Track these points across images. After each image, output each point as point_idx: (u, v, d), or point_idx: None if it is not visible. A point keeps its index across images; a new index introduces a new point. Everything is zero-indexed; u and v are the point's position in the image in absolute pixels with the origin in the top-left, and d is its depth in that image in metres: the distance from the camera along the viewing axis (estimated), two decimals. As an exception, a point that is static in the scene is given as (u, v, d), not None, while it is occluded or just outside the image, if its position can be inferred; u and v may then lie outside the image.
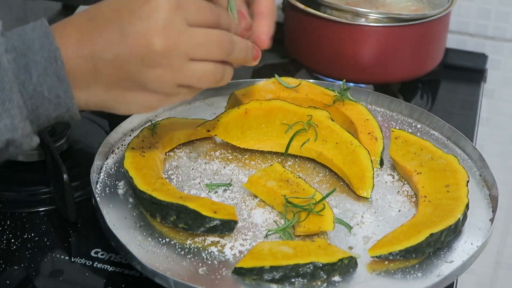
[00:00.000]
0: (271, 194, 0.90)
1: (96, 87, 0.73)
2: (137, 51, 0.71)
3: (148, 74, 0.72)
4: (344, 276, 0.81)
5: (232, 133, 0.98)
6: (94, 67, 0.72)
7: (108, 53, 0.71)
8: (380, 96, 1.11)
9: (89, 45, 0.71)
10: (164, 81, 0.73)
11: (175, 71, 0.72)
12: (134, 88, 0.73)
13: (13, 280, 0.81)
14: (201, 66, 0.74)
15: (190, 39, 0.72)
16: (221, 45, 0.74)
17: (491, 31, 1.38)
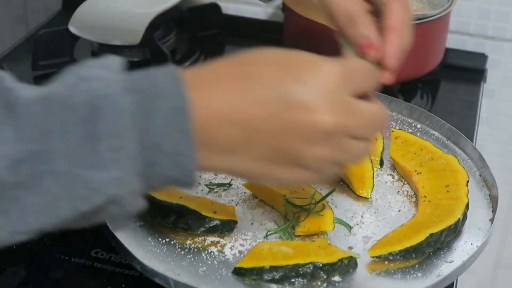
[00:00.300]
0: (271, 194, 0.90)
1: (242, 155, 0.64)
2: (300, 126, 0.63)
3: (307, 151, 0.65)
4: (344, 276, 0.81)
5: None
6: (245, 134, 0.63)
7: (266, 123, 0.63)
8: (380, 96, 1.11)
9: (243, 111, 0.62)
10: (322, 159, 0.66)
11: (336, 149, 0.66)
12: (286, 162, 0.65)
13: (13, 280, 0.81)
14: (359, 144, 0.68)
15: (356, 118, 0.66)
16: (381, 124, 0.70)
17: (491, 31, 1.38)
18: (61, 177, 0.58)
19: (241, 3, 1.46)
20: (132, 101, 0.59)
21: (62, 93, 0.59)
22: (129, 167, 0.59)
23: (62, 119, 0.58)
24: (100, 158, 0.58)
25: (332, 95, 0.64)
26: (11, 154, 0.57)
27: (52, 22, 1.44)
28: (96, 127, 0.58)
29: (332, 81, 0.64)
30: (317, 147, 0.64)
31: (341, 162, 0.68)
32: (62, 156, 0.57)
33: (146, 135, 0.59)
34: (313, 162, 0.65)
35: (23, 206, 0.58)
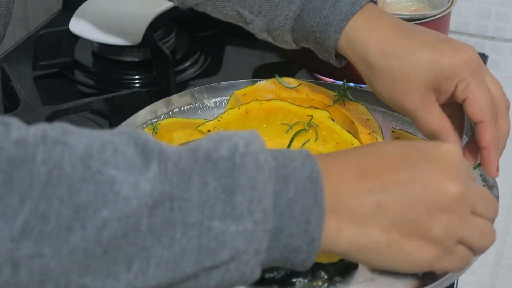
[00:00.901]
0: (272, 194, 0.90)
1: (372, 224, 0.64)
2: (429, 193, 0.65)
3: (436, 218, 0.65)
4: (345, 276, 0.80)
5: (232, 133, 0.98)
6: (377, 202, 0.64)
7: (397, 188, 0.64)
8: (380, 96, 1.11)
9: (374, 179, 0.65)
10: (449, 229, 0.66)
11: (462, 220, 0.66)
12: (414, 233, 0.65)
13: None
14: (481, 221, 0.69)
15: (477, 191, 0.69)
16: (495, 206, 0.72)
17: (491, 31, 1.38)
18: (191, 229, 0.57)
19: (241, 3, 1.46)
20: (271, 162, 0.61)
21: (207, 147, 0.60)
22: (262, 221, 0.59)
23: (203, 171, 0.59)
24: (235, 209, 0.58)
25: (455, 166, 0.67)
26: (154, 194, 0.56)
27: (52, 22, 1.44)
28: (234, 180, 0.59)
29: (455, 155, 0.68)
30: (445, 215, 0.65)
31: (470, 243, 0.68)
32: (196, 207, 0.57)
33: (280, 198, 0.61)
34: (441, 230, 0.65)
35: (148, 257, 0.57)
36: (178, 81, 1.25)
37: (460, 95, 0.85)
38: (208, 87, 1.11)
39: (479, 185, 0.71)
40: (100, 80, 1.28)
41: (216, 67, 1.35)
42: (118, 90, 1.15)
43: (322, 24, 0.93)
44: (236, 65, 1.37)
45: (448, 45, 0.86)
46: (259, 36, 1.02)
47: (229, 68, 1.35)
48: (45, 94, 1.23)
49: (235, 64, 1.38)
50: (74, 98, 1.09)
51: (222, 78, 1.19)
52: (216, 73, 1.33)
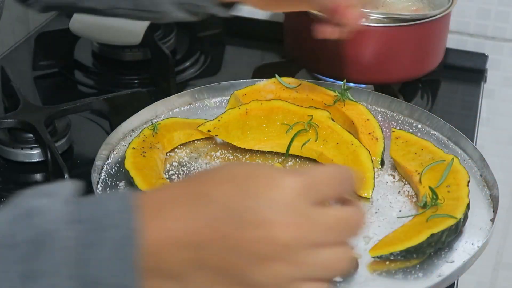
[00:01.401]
0: (272, 194, 0.90)
1: (192, 280, 0.59)
2: (250, 244, 0.58)
3: (258, 268, 0.58)
4: (345, 276, 0.81)
5: (232, 133, 0.98)
6: (196, 257, 0.58)
7: (217, 244, 0.58)
8: (380, 96, 1.11)
9: (194, 234, 0.58)
10: (279, 278, 0.58)
11: (296, 265, 0.58)
12: (233, 285, 0.59)
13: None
14: (330, 252, 0.60)
15: (318, 226, 0.59)
16: (352, 226, 0.62)
17: (491, 31, 1.38)
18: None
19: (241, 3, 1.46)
20: (77, 234, 0.56)
21: (4, 231, 0.56)
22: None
23: (3, 258, 0.55)
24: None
25: (289, 208, 0.58)
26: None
27: (52, 22, 1.44)
28: (34, 265, 0.55)
29: (290, 194, 0.59)
30: (271, 265, 0.58)
31: (311, 277, 0.59)
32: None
33: (87, 268, 0.56)
34: (268, 282, 0.58)
35: None
36: (178, 81, 1.25)
37: None
38: (208, 87, 1.11)
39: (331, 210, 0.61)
40: (100, 80, 1.28)
41: (216, 67, 1.35)
42: (118, 90, 1.15)
43: None
44: (236, 65, 1.37)
45: None
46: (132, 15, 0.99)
47: (229, 68, 1.35)
48: (45, 94, 1.23)
49: (235, 64, 1.38)
50: (74, 98, 1.09)
51: (222, 78, 1.19)
52: (216, 73, 1.33)
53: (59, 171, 0.95)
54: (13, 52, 1.34)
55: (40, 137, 1.00)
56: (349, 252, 0.61)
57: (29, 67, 1.27)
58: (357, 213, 0.62)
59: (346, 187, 0.63)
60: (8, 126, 1.03)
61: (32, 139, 1.02)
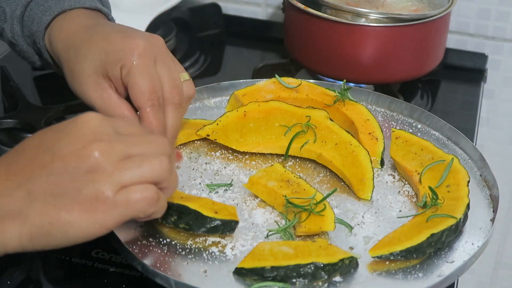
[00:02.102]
0: (272, 194, 0.90)
1: (29, 212, 0.67)
2: (70, 161, 0.67)
3: (82, 181, 0.67)
4: (345, 276, 0.81)
5: (231, 137, 0.98)
6: (27, 191, 0.67)
7: (41, 172, 0.67)
8: (380, 96, 1.11)
9: (20, 173, 0.68)
10: (98, 184, 0.67)
11: (110, 172, 0.67)
12: (69, 203, 0.67)
13: (13, 281, 0.81)
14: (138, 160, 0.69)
15: (123, 140, 0.69)
16: (157, 142, 0.71)
17: (491, 31, 1.38)
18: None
19: (241, 3, 1.46)
20: None
21: None
22: None
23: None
24: None
25: (92, 130, 0.68)
26: None
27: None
28: None
29: (91, 122, 0.69)
30: (94, 176, 0.67)
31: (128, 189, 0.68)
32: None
33: None
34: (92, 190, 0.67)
35: None
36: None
37: (125, 80, 0.86)
38: (207, 87, 1.11)
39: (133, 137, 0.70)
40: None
41: (216, 67, 1.36)
42: (118, 90, 1.15)
43: (43, 11, 0.95)
44: (236, 65, 1.37)
45: (121, 35, 0.88)
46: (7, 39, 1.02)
47: (229, 68, 1.35)
48: (45, 94, 1.23)
49: (235, 64, 1.38)
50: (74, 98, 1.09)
51: (222, 78, 1.19)
52: (216, 73, 1.33)
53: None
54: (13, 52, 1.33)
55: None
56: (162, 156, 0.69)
57: (29, 67, 1.27)
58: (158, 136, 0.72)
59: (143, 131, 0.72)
60: (8, 126, 1.04)
61: (32, 139, 1.02)
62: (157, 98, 0.85)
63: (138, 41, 0.86)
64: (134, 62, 0.85)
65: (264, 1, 1.46)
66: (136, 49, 0.85)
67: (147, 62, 0.86)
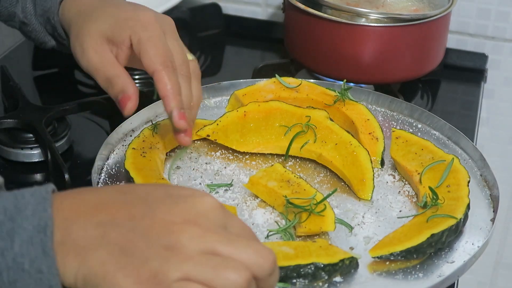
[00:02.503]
0: (272, 195, 0.90)
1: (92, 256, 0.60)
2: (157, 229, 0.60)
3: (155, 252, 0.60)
4: (345, 277, 0.81)
5: (231, 137, 0.98)
6: (103, 234, 0.60)
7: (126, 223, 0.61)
8: (380, 96, 1.11)
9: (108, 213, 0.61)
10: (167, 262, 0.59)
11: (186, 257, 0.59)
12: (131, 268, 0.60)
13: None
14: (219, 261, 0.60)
15: (221, 236, 0.61)
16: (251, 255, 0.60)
17: (491, 31, 1.38)
18: None
19: (241, 3, 1.46)
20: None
21: None
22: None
23: None
24: None
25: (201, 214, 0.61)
26: None
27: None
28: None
29: (206, 205, 0.62)
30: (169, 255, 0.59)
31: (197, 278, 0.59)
32: None
33: (7, 254, 0.59)
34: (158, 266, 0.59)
35: None
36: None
37: (136, 48, 0.87)
38: (208, 87, 1.11)
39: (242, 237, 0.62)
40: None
41: (216, 67, 1.35)
42: (118, 90, 1.15)
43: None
44: (236, 65, 1.37)
45: (134, 7, 0.91)
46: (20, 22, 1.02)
47: (229, 68, 1.35)
48: (45, 94, 1.23)
49: (235, 64, 1.38)
50: (74, 98, 1.09)
51: (222, 78, 1.19)
52: (216, 73, 1.33)
53: (59, 171, 0.95)
54: (13, 52, 1.34)
55: (40, 137, 1.00)
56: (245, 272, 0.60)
57: (29, 67, 1.27)
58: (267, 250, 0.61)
59: None
60: (8, 126, 1.03)
61: (32, 139, 1.02)
62: (170, 61, 0.87)
63: (149, 13, 0.89)
64: (146, 32, 0.87)
65: (264, 1, 1.46)
66: (148, 20, 0.88)
67: (158, 33, 0.88)
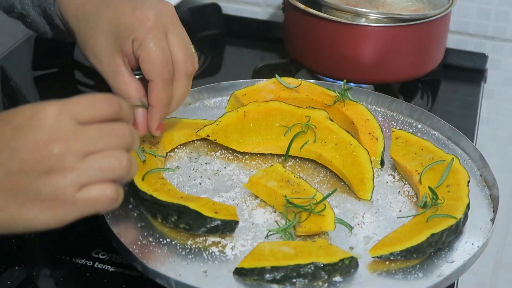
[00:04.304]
0: (272, 195, 0.90)
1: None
2: (29, 162, 0.66)
3: (42, 181, 0.66)
4: (345, 276, 0.81)
5: (231, 137, 0.98)
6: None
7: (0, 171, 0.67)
8: (380, 96, 1.11)
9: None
10: (58, 184, 0.67)
11: (69, 172, 0.67)
12: (29, 201, 0.67)
13: (13, 281, 0.81)
14: (98, 159, 0.68)
15: (82, 137, 0.67)
16: (118, 134, 0.69)
17: (491, 31, 1.38)
18: None
19: (241, 3, 1.46)
20: None
21: None
22: None
23: None
24: None
25: (48, 128, 0.66)
26: None
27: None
28: None
29: (46, 118, 0.67)
30: (51, 175, 0.66)
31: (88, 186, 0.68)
32: None
33: None
34: (50, 188, 0.66)
35: None
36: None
37: (136, 53, 0.86)
38: (208, 87, 1.11)
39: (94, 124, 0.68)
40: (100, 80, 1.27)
41: (216, 67, 1.35)
42: (118, 90, 1.15)
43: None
44: (236, 65, 1.37)
45: (131, 5, 0.87)
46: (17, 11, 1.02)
47: (229, 68, 1.35)
48: (45, 94, 1.24)
49: (235, 64, 1.38)
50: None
51: (222, 78, 1.19)
52: (216, 73, 1.33)
53: (59, 171, 0.95)
54: (13, 52, 1.34)
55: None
56: (122, 154, 0.68)
57: (29, 67, 1.27)
58: (121, 125, 0.69)
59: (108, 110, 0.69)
60: (8, 126, 1.03)
61: (32, 139, 1.02)
62: (168, 71, 0.86)
63: (148, 12, 0.86)
64: (146, 37, 0.85)
65: (264, 1, 1.46)
66: (147, 21, 0.86)
67: (158, 35, 0.86)
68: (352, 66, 1.20)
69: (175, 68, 0.88)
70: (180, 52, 0.88)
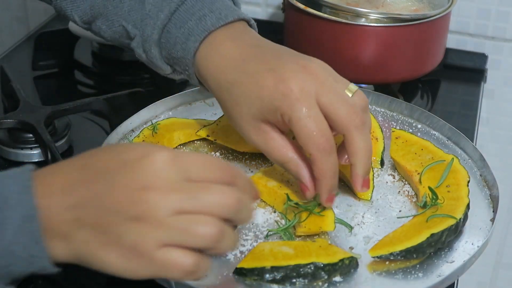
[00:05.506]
0: (272, 195, 0.90)
1: (76, 237, 0.66)
2: (122, 202, 0.64)
3: (127, 226, 0.64)
4: (345, 276, 0.81)
5: (231, 137, 0.98)
6: (76, 217, 0.65)
7: (93, 201, 0.65)
8: (380, 96, 1.11)
9: (75, 195, 0.65)
10: (141, 233, 0.64)
11: (156, 224, 0.63)
12: (110, 243, 0.65)
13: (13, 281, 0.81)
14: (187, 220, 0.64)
15: (182, 192, 0.64)
16: (221, 198, 0.65)
17: (491, 31, 1.38)
18: None
19: (241, 3, 1.46)
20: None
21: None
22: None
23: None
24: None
25: (158, 175, 0.64)
26: None
27: (52, 22, 1.44)
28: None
29: (161, 163, 0.65)
30: (141, 225, 0.63)
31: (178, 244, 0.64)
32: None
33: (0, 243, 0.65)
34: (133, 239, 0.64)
35: None
36: (178, 81, 1.25)
37: (289, 125, 0.82)
38: (208, 87, 1.11)
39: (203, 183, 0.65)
40: (100, 80, 1.28)
41: (216, 67, 1.35)
42: (118, 90, 1.15)
43: (185, 34, 0.88)
44: (236, 65, 1.36)
45: (273, 76, 0.82)
46: (139, 56, 0.95)
47: (229, 68, 1.35)
48: (45, 94, 1.23)
49: (235, 64, 1.37)
50: (74, 98, 1.09)
51: (222, 78, 1.19)
52: (216, 73, 1.33)
53: (59, 171, 0.95)
54: (13, 52, 1.34)
55: (40, 137, 1.00)
56: (214, 222, 0.64)
57: (29, 67, 1.27)
58: (230, 189, 0.66)
59: (223, 175, 0.67)
60: (8, 126, 1.03)
61: (32, 139, 1.02)
62: (325, 140, 0.80)
63: (291, 85, 0.80)
64: (293, 112, 0.80)
65: (264, 1, 1.46)
66: (292, 95, 0.80)
67: (307, 104, 0.80)
68: (352, 66, 1.20)
69: (341, 127, 0.81)
70: (339, 108, 0.81)
